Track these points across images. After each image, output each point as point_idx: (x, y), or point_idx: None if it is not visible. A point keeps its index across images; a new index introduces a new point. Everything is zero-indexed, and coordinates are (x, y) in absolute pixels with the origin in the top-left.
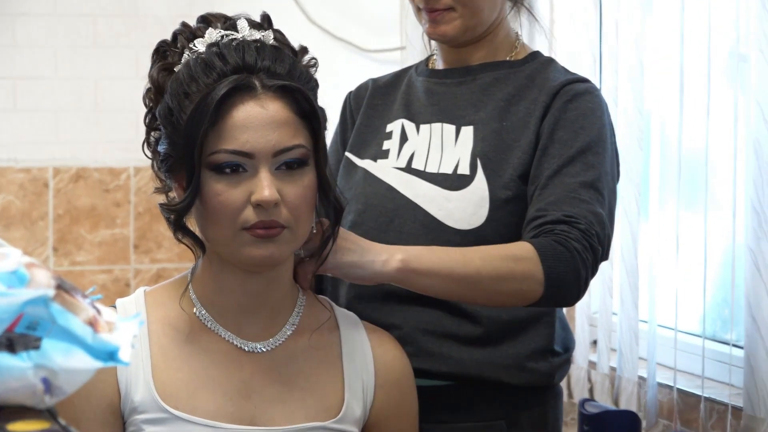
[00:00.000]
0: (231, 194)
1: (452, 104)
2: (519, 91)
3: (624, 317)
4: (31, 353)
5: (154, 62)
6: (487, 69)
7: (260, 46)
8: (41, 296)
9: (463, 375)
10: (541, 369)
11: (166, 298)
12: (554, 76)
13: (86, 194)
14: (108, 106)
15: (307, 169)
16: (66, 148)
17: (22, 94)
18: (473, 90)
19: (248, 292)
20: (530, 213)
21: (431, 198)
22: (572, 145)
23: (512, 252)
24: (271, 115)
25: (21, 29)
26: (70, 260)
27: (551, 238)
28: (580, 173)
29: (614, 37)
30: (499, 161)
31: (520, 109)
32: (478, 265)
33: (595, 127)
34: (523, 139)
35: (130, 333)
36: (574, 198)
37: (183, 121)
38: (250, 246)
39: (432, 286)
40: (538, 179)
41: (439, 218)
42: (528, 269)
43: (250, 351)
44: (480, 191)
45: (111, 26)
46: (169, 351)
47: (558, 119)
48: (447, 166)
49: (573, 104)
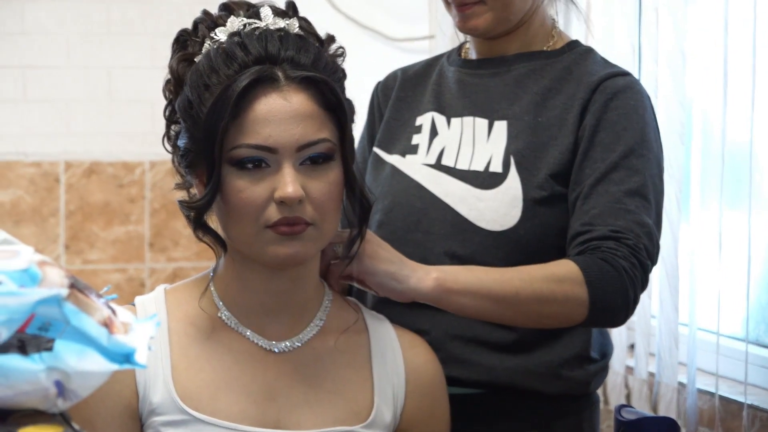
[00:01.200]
0: (253, 191)
1: (485, 97)
2: (555, 84)
3: (663, 320)
4: (44, 355)
5: (174, 52)
6: (522, 60)
7: (284, 36)
8: (54, 296)
9: (495, 383)
10: (577, 377)
11: (188, 296)
12: (593, 68)
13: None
14: (122, 97)
15: (333, 164)
16: (78, 141)
17: (31, 83)
18: (507, 82)
19: (272, 291)
20: (574, 227)
21: (462, 197)
22: (615, 149)
23: (554, 272)
24: (294, 107)
25: (30, 15)
26: (83, 259)
27: (597, 255)
28: (624, 180)
29: (654, 24)
30: (534, 159)
31: (557, 104)
32: (517, 286)
33: (639, 127)
34: (560, 138)
35: (146, 334)
36: (620, 209)
37: (203, 115)
38: (274, 244)
39: (468, 307)
40: (579, 186)
41: (470, 219)
42: (571, 291)
43: (273, 351)
44: (513, 191)
45: (125, 12)
46: (190, 351)
47: (599, 120)
48: (479, 162)
49: (614, 102)
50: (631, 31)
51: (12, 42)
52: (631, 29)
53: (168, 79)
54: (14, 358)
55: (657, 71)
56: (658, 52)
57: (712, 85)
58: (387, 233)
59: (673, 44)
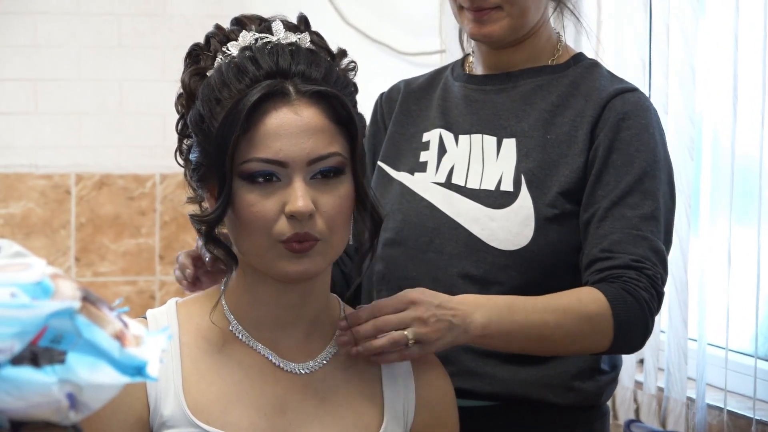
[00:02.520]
0: (264, 205)
1: (492, 114)
2: (563, 100)
3: (672, 335)
4: (56, 367)
5: (186, 66)
6: (528, 75)
7: (295, 50)
8: (66, 308)
9: (508, 395)
10: (589, 388)
11: (199, 309)
12: (601, 84)
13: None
14: (133, 110)
15: (344, 178)
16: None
17: (43, 96)
18: (514, 98)
19: (284, 304)
20: (593, 252)
21: (474, 217)
22: (629, 171)
23: (587, 308)
24: (305, 121)
25: (42, 28)
26: (93, 271)
27: (620, 286)
28: (639, 204)
29: (664, 39)
30: (544, 177)
31: (566, 121)
32: (552, 328)
33: (650, 147)
34: (570, 156)
35: (158, 347)
36: (638, 236)
37: (214, 129)
38: (284, 260)
39: (502, 347)
40: (593, 208)
41: (483, 239)
42: (600, 327)
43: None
44: (525, 210)
45: (136, 26)
46: (201, 364)
47: (612, 141)
48: (489, 181)
49: (626, 123)
50: (641, 46)
51: (23, 55)
52: (641, 44)
53: (180, 93)
54: (27, 370)
55: (667, 86)
56: (668, 67)
57: (721, 101)
58: (399, 252)
59: (683, 59)
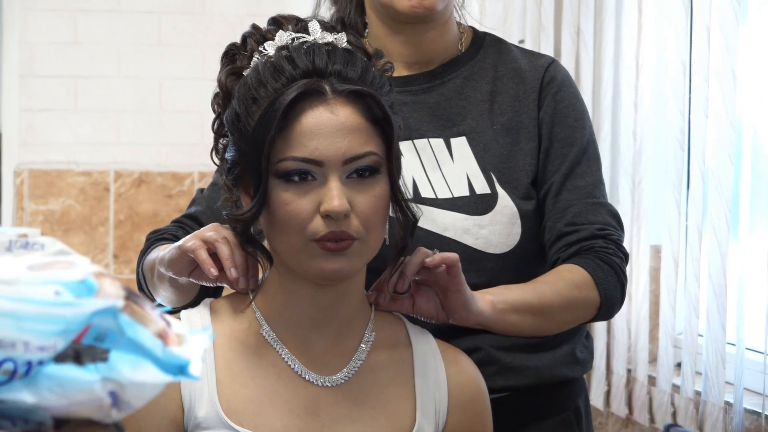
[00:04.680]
0: (299, 204)
1: (429, 115)
2: (493, 86)
3: (710, 339)
4: (99, 366)
5: (223, 66)
6: (450, 68)
7: (331, 50)
8: (110, 307)
9: (542, 382)
10: (587, 357)
11: (232, 310)
12: (521, 63)
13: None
14: (172, 108)
15: (379, 177)
16: (128, 150)
17: (82, 93)
18: (447, 95)
19: (318, 305)
20: (557, 227)
21: (464, 228)
22: (573, 143)
23: (573, 279)
24: (341, 121)
25: (83, 26)
26: (131, 268)
27: (594, 256)
28: (587, 173)
29: (705, 42)
30: (510, 170)
31: (505, 108)
32: (550, 297)
33: (584, 115)
34: (523, 143)
35: (200, 346)
36: (594, 204)
37: (250, 127)
38: (319, 259)
39: (514, 324)
40: (547, 183)
41: (479, 248)
42: (588, 296)
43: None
44: (508, 209)
45: (176, 24)
46: (234, 365)
47: (553, 116)
48: (459, 187)
49: (560, 95)
50: (681, 49)
51: (64, 52)
52: (681, 47)
53: (216, 93)
54: (70, 368)
55: (707, 90)
56: (708, 71)
57: (763, 105)
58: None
59: (724, 63)
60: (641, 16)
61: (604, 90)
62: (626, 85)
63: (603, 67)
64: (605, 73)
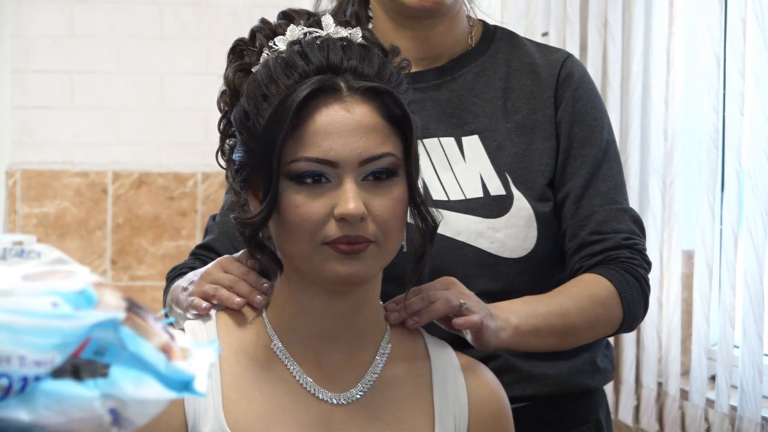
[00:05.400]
0: (311, 206)
1: (439, 112)
2: (506, 83)
3: (747, 351)
4: (99, 381)
5: (230, 62)
6: (461, 64)
7: (347, 45)
8: (111, 319)
9: (561, 392)
10: (607, 367)
11: (240, 321)
12: (534, 58)
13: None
14: (175, 105)
15: (397, 179)
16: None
17: (80, 90)
18: (458, 92)
19: (330, 315)
20: (581, 235)
21: (478, 232)
22: (593, 143)
23: (598, 295)
24: (357, 119)
25: (80, 18)
26: (130, 274)
27: (620, 267)
28: (609, 175)
29: (740, 35)
30: (525, 171)
31: (520, 105)
32: (574, 317)
33: (603, 113)
34: (539, 141)
35: (206, 361)
36: (618, 210)
37: (260, 126)
38: (334, 262)
39: (535, 346)
40: (566, 186)
41: (494, 252)
42: (612, 312)
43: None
44: (524, 211)
45: (179, 16)
46: (241, 380)
47: (572, 114)
48: (472, 188)
49: (578, 92)
50: (715, 43)
51: (60, 46)
52: (715, 41)
53: (223, 91)
54: (68, 383)
55: (743, 85)
56: (744, 65)
57: None
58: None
59: (760, 57)
60: (672, 7)
61: (633, 86)
62: (656, 80)
63: (632, 62)
64: (634, 68)
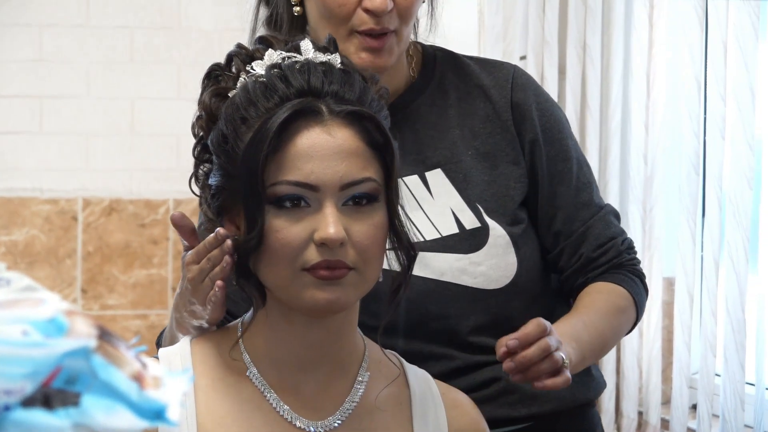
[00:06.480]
0: (291, 231)
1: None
2: (458, 110)
3: (728, 379)
4: (70, 410)
5: (205, 87)
6: (408, 99)
7: (327, 69)
8: (82, 347)
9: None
10: (598, 375)
11: (215, 349)
12: (480, 78)
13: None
14: (145, 130)
15: (378, 205)
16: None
17: (48, 115)
18: (412, 128)
19: (309, 343)
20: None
21: (461, 269)
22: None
23: (620, 306)
24: (339, 143)
25: (49, 42)
26: (101, 303)
27: (626, 271)
28: (588, 183)
29: (721, 59)
30: (495, 198)
31: (478, 131)
32: (608, 335)
33: (564, 122)
34: (503, 167)
35: (179, 390)
36: (605, 214)
37: (239, 150)
38: (313, 288)
39: (581, 367)
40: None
41: (480, 286)
42: (630, 316)
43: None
44: (501, 239)
45: (150, 40)
46: (217, 408)
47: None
48: (445, 225)
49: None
50: (696, 65)
51: (29, 70)
52: (696, 64)
53: (199, 116)
54: (38, 413)
55: (724, 109)
56: (725, 89)
57: None
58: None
59: (741, 80)
60: (652, 30)
61: (613, 110)
62: (636, 104)
63: (611, 86)
64: (614, 92)
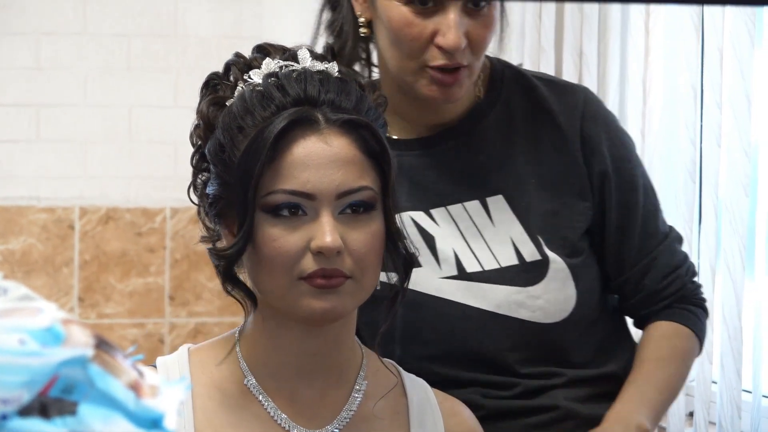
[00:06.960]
0: (287, 240)
1: (458, 176)
2: (525, 134)
3: (725, 387)
4: (67, 419)
5: (203, 96)
6: (472, 121)
7: (324, 78)
8: (79, 356)
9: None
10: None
11: (213, 357)
12: (550, 101)
13: (116, 238)
14: (143, 138)
15: (374, 214)
16: (95, 184)
17: (46, 123)
18: (475, 151)
19: (305, 352)
20: (650, 285)
21: (518, 302)
22: (635, 186)
23: (684, 348)
24: (335, 152)
25: (46, 50)
26: (98, 312)
27: (688, 303)
28: (654, 211)
29: (718, 66)
30: (557, 230)
31: (544, 159)
32: (675, 382)
33: (631, 146)
34: (568, 198)
35: (176, 398)
36: (671, 241)
37: (236, 158)
38: (309, 297)
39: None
40: (625, 237)
41: (537, 320)
42: (694, 353)
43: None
44: (561, 272)
45: (147, 47)
46: (215, 417)
47: (612, 167)
48: (505, 255)
49: (609, 140)
50: (692, 73)
51: (26, 78)
52: (692, 71)
53: (197, 124)
54: (35, 422)
55: (720, 117)
56: (721, 97)
57: None
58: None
59: (737, 88)
60: (648, 38)
61: None
62: (633, 112)
63: (607, 93)
64: (610, 99)
